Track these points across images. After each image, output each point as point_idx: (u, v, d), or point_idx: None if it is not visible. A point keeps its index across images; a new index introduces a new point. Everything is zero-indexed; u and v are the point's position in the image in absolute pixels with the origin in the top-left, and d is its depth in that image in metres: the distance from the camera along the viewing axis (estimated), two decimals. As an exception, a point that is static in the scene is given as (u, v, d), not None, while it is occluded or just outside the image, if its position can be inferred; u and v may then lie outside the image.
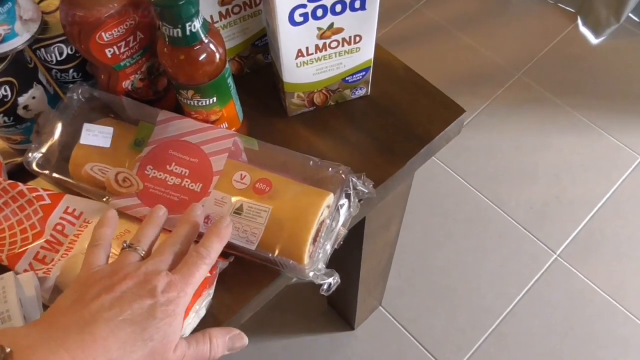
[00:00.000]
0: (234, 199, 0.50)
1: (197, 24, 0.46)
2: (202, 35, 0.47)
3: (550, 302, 1.38)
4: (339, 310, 1.38)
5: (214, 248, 0.44)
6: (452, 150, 1.59)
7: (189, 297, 0.42)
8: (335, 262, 0.55)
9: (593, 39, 1.81)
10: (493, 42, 1.82)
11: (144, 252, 0.44)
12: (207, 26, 0.48)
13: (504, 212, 1.51)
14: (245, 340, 0.47)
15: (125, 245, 0.44)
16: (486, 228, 1.49)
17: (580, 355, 1.31)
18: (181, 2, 0.43)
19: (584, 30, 1.83)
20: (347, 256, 0.94)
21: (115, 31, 0.50)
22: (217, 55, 0.49)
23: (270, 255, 0.48)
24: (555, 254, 1.44)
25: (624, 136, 1.61)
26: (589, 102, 1.68)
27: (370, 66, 0.60)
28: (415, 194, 1.51)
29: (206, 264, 0.43)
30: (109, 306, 0.38)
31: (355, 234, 0.82)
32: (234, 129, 0.57)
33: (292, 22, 0.50)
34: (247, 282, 0.53)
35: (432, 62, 1.79)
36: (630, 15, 1.81)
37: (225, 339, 0.45)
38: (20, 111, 0.56)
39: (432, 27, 1.87)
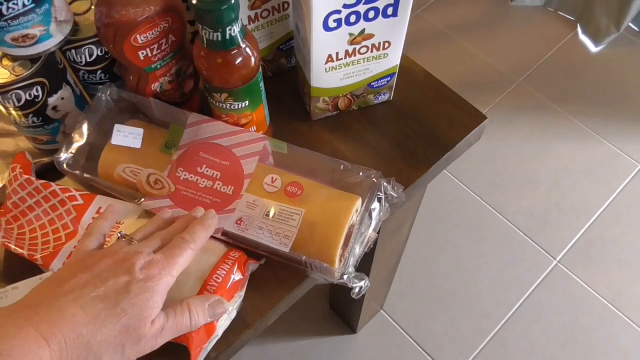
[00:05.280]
0: (265, 201, 0.51)
1: (236, 29, 0.46)
2: (240, 40, 0.47)
3: (550, 308, 1.39)
4: (341, 314, 1.38)
5: (199, 235, 0.45)
6: (454, 155, 1.60)
7: (172, 278, 0.42)
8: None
9: (593, 47, 1.83)
10: (494, 49, 1.84)
11: (135, 243, 0.44)
12: (245, 31, 0.48)
13: (505, 218, 1.52)
14: (225, 305, 0.46)
15: (119, 235, 0.45)
16: (487, 234, 1.50)
17: (580, 361, 1.33)
18: (223, 7, 0.44)
19: (583, 38, 1.85)
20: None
21: (149, 34, 0.50)
22: (253, 60, 0.49)
23: (304, 257, 0.48)
24: (556, 260, 1.45)
25: (623, 144, 1.63)
26: (589, 109, 1.70)
27: (395, 72, 0.61)
28: (418, 198, 1.52)
29: (191, 248, 0.44)
30: (82, 284, 0.39)
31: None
32: (261, 132, 0.58)
33: (326, 27, 0.51)
34: (276, 284, 0.53)
35: (433, 68, 1.78)
36: (630, 24, 1.84)
37: (204, 306, 0.45)
38: (49, 111, 0.56)
39: (432, 33, 1.89)
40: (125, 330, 0.39)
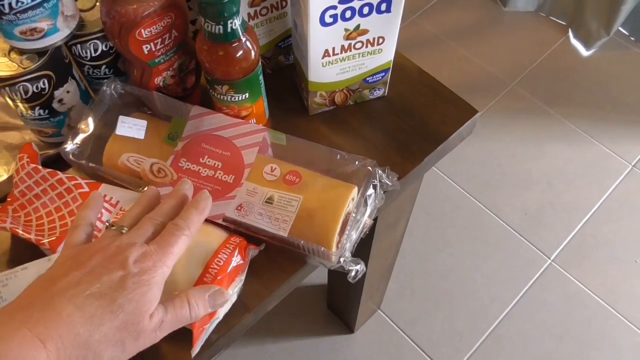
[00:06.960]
0: (265, 189, 0.52)
1: (237, 22, 0.48)
2: (241, 33, 0.49)
3: (545, 305, 1.41)
4: (338, 314, 1.39)
5: (193, 220, 0.43)
6: (449, 157, 1.62)
7: (168, 268, 0.41)
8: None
9: (584, 51, 1.86)
10: (487, 53, 1.87)
11: (125, 230, 0.43)
12: (245, 25, 0.50)
13: (499, 218, 1.54)
14: (226, 295, 0.46)
15: (107, 224, 0.44)
16: (482, 233, 1.52)
17: (575, 358, 1.34)
18: (225, 0, 0.46)
19: (575, 42, 1.88)
20: (354, 256, 0.96)
21: (153, 28, 0.52)
22: (253, 53, 0.51)
23: (302, 242, 0.50)
24: (550, 259, 1.47)
25: (614, 145, 1.66)
26: (580, 111, 1.73)
27: (389, 67, 0.63)
28: (414, 199, 1.54)
29: (185, 235, 0.42)
30: (76, 282, 0.38)
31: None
32: (261, 124, 0.60)
33: (323, 22, 0.53)
34: (275, 270, 0.55)
35: (428, 71, 1.82)
36: (620, 28, 1.87)
37: (204, 297, 0.44)
38: (55, 104, 0.58)
39: (427, 38, 1.92)
40: (124, 327, 0.38)
